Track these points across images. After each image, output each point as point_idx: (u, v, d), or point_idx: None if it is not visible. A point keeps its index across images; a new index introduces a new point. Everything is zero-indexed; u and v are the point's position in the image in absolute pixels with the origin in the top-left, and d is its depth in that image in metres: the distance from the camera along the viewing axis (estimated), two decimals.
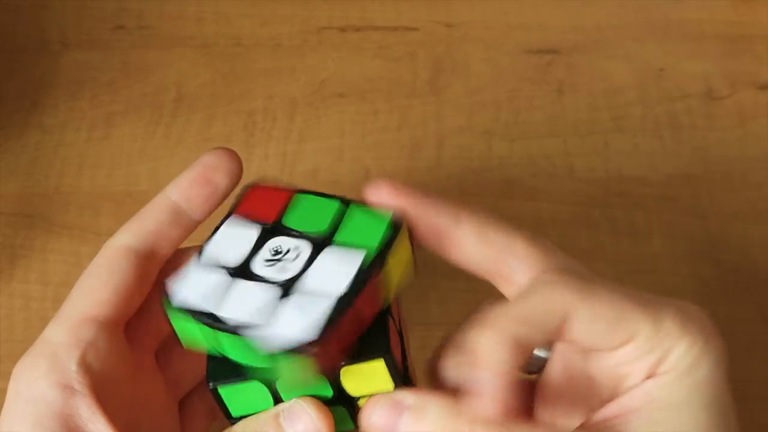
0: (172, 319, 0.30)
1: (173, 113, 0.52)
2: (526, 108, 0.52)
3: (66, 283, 0.45)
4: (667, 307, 0.29)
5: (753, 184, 0.49)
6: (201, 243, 0.31)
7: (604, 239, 0.47)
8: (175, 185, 0.35)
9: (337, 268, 0.30)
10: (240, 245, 0.31)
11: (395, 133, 0.51)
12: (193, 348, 0.31)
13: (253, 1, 0.56)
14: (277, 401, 0.31)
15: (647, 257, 0.47)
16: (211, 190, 0.34)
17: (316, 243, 0.31)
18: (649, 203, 0.48)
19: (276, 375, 0.30)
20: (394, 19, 0.55)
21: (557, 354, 0.32)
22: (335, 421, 0.30)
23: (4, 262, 0.46)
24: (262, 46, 0.54)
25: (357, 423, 0.31)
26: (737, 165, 0.50)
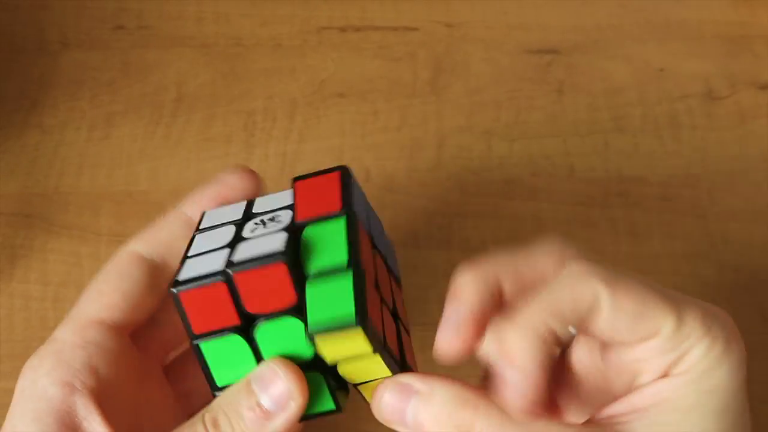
0: (203, 349, 0.30)
1: (173, 113, 0.52)
2: (526, 108, 0.52)
3: (66, 283, 0.46)
4: (692, 306, 0.29)
5: (753, 184, 0.49)
6: None
7: (604, 239, 0.47)
8: (192, 200, 0.35)
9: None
10: (222, 236, 0.32)
11: (395, 133, 0.51)
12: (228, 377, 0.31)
13: (253, 1, 0.56)
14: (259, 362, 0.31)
15: (647, 257, 0.47)
16: None
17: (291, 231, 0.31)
18: (649, 203, 0.48)
19: (321, 348, 0.30)
20: (394, 19, 0.55)
21: (576, 346, 0.31)
22: (310, 389, 0.31)
23: (4, 262, 0.46)
24: (262, 46, 0.54)
25: (337, 399, 0.31)
26: (737, 165, 0.50)
